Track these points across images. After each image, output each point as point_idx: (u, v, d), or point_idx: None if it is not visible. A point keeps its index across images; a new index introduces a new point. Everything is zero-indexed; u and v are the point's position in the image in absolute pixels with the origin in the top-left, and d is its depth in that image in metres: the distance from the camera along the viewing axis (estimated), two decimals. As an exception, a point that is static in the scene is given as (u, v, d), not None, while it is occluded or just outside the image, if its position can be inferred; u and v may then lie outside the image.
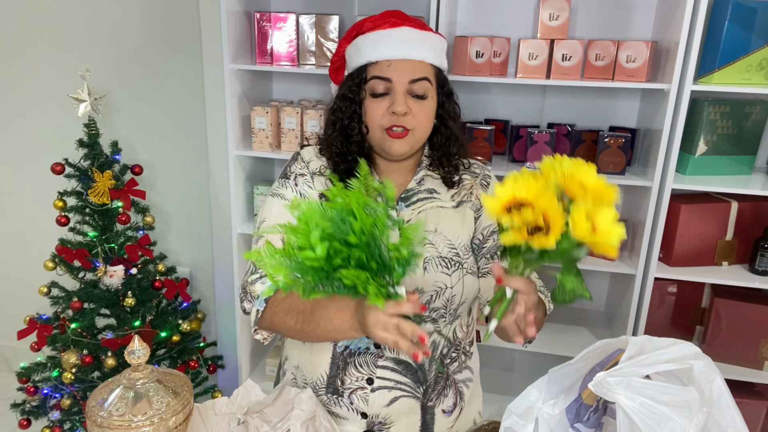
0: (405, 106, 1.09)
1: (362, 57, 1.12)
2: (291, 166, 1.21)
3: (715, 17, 1.65)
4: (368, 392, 1.14)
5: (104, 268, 1.85)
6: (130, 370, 0.95)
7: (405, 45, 1.11)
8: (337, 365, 1.15)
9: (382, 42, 1.11)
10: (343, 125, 1.15)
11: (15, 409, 1.93)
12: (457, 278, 1.14)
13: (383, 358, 1.13)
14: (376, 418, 1.14)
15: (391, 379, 1.14)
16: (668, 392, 0.80)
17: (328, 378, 1.16)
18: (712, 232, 1.83)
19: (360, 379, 1.14)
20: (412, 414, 1.15)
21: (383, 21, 1.14)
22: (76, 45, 2.29)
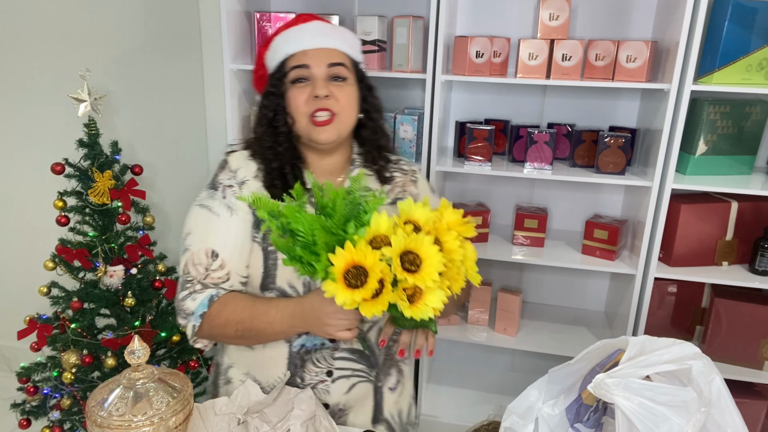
0: (326, 89, 1.14)
1: (279, 53, 1.18)
2: (218, 176, 1.20)
3: (715, 17, 1.65)
4: (329, 384, 1.20)
5: (104, 268, 1.85)
6: (130, 370, 0.95)
7: (318, 35, 1.18)
8: (294, 364, 1.19)
9: (296, 36, 1.18)
10: (269, 118, 1.19)
11: (15, 409, 1.93)
12: None
13: (339, 350, 1.20)
14: (336, 406, 1.21)
15: (348, 368, 1.21)
16: (666, 393, 0.80)
17: (288, 377, 1.19)
18: (712, 232, 1.83)
19: (319, 373, 1.19)
20: (367, 397, 1.24)
21: (295, 20, 1.22)
22: (76, 45, 2.29)
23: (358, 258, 0.89)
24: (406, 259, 0.90)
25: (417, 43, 1.83)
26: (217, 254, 1.14)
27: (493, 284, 2.14)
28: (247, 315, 1.11)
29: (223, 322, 1.11)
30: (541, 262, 1.90)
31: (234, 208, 1.16)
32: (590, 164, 1.91)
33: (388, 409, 1.28)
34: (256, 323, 1.10)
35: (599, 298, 2.25)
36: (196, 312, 1.12)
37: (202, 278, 1.14)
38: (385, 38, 1.88)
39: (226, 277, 1.15)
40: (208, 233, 1.15)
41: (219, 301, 1.12)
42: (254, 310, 1.11)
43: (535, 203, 2.16)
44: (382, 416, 1.27)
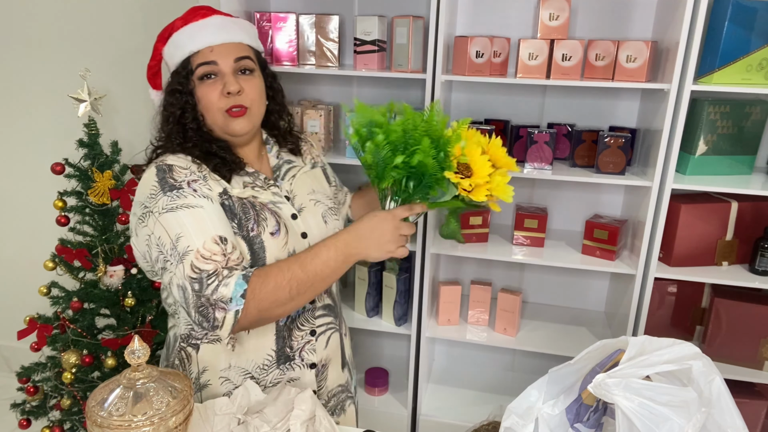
0: (237, 85, 1.15)
1: (183, 50, 1.18)
2: (173, 177, 1.11)
3: (715, 17, 1.65)
4: (314, 342, 1.26)
5: (104, 268, 1.85)
6: (130, 370, 0.95)
7: (222, 30, 1.18)
8: (282, 337, 1.23)
9: (199, 32, 1.17)
10: (176, 116, 1.18)
11: (15, 409, 1.93)
12: (341, 221, 1.36)
13: (315, 308, 1.27)
14: (320, 363, 1.28)
15: (324, 324, 1.29)
16: (667, 393, 0.80)
17: (277, 352, 1.22)
18: (712, 232, 1.83)
19: (305, 335, 1.25)
20: (337, 346, 1.34)
21: (194, 15, 1.21)
22: (76, 45, 2.29)
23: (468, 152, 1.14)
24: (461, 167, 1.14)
25: (417, 43, 1.83)
26: (225, 238, 1.08)
27: (493, 284, 2.14)
28: (297, 266, 1.09)
29: (273, 287, 1.06)
30: (541, 262, 1.90)
31: (210, 197, 1.11)
32: (590, 164, 1.91)
33: (347, 353, 1.40)
34: (311, 269, 1.10)
35: (599, 298, 2.25)
36: (234, 295, 1.03)
37: (225, 264, 1.06)
38: (385, 38, 1.88)
39: (241, 259, 1.10)
40: (203, 226, 1.07)
41: (256, 274, 1.06)
42: (303, 260, 1.11)
43: (535, 203, 2.16)
44: (345, 360, 1.38)
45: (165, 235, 1.07)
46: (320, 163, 1.42)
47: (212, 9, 1.24)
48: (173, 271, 1.06)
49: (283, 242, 1.18)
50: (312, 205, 1.29)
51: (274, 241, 1.17)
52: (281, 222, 1.20)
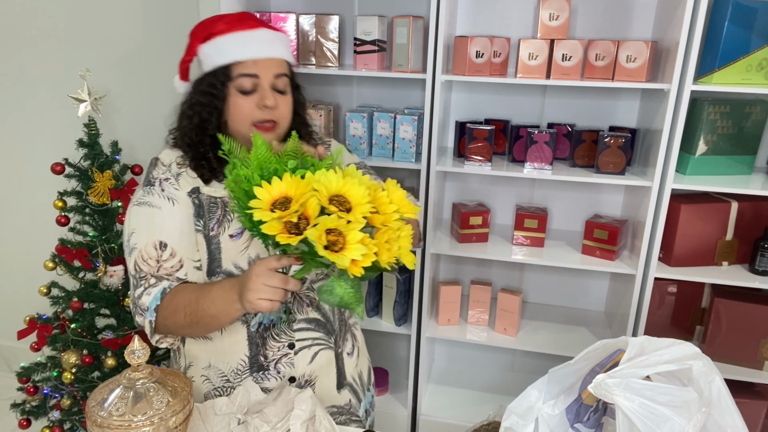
0: (275, 99, 1.17)
1: (226, 56, 1.16)
2: (152, 173, 1.21)
3: (715, 17, 1.65)
4: (292, 356, 1.22)
5: (104, 268, 1.85)
6: (130, 370, 0.95)
7: (269, 45, 1.19)
8: (255, 344, 1.21)
9: (247, 43, 1.17)
10: (201, 118, 1.19)
11: (15, 409, 1.93)
12: None
13: (296, 321, 1.23)
14: (302, 378, 1.24)
15: (308, 338, 1.24)
16: (667, 393, 0.80)
17: (250, 359, 1.21)
18: (712, 232, 1.83)
19: (282, 347, 1.22)
20: (330, 364, 1.28)
21: (241, 22, 1.19)
22: (76, 45, 2.29)
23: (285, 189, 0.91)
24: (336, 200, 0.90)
25: (417, 43, 1.83)
26: (165, 244, 1.14)
27: (493, 284, 2.14)
28: (194, 297, 1.10)
29: (173, 309, 1.11)
30: (541, 262, 1.90)
31: (174, 198, 1.17)
32: (590, 164, 1.91)
33: (350, 373, 1.33)
34: (201, 304, 1.08)
35: (599, 298, 2.25)
36: (150, 306, 1.12)
37: (155, 271, 1.14)
38: (385, 38, 1.88)
39: (179, 265, 1.15)
40: (152, 227, 1.15)
41: (170, 292, 1.13)
42: (199, 292, 1.10)
43: (535, 203, 2.16)
44: (345, 381, 1.32)
45: (127, 226, 1.17)
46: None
47: (260, 20, 1.23)
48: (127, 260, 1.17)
49: (243, 246, 1.17)
50: None
51: (233, 243, 1.17)
52: None
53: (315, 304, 1.25)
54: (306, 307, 1.23)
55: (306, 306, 1.24)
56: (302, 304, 1.23)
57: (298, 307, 1.22)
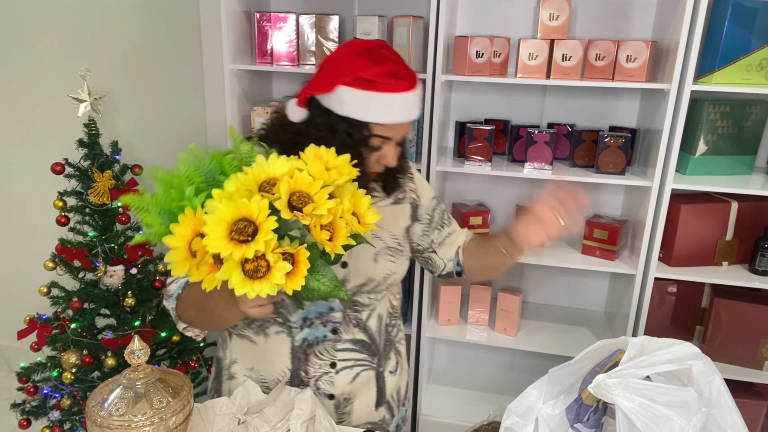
0: (395, 159, 1.17)
1: (370, 115, 1.10)
2: None
3: (715, 17, 1.65)
4: (333, 375, 1.21)
5: (104, 268, 1.85)
6: (130, 370, 0.95)
7: (412, 108, 1.14)
8: (298, 358, 1.20)
9: (396, 109, 1.12)
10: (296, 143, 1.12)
11: (15, 409, 1.93)
12: (401, 264, 1.27)
13: (341, 341, 1.21)
14: (341, 396, 1.23)
15: (351, 359, 1.23)
16: (667, 393, 0.80)
17: (291, 372, 1.20)
18: (712, 232, 1.83)
19: (323, 365, 1.21)
20: (370, 383, 1.27)
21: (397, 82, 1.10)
22: (76, 45, 2.29)
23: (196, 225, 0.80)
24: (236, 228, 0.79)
25: (417, 43, 1.83)
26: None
27: (493, 284, 2.14)
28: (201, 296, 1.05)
29: (188, 303, 1.10)
30: (541, 262, 1.90)
31: None
32: (590, 164, 1.91)
33: (389, 391, 1.32)
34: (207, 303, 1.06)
35: (599, 298, 2.25)
36: (174, 294, 1.12)
37: None
38: (385, 38, 1.88)
39: None
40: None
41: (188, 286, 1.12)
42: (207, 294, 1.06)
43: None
44: (384, 399, 1.30)
45: None
46: (410, 199, 1.32)
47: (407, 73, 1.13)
48: None
49: None
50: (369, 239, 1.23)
51: None
52: None
53: (362, 324, 1.23)
54: (352, 327, 1.22)
55: (353, 326, 1.22)
56: (349, 324, 1.22)
57: (344, 327, 1.21)
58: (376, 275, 1.21)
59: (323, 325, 1.19)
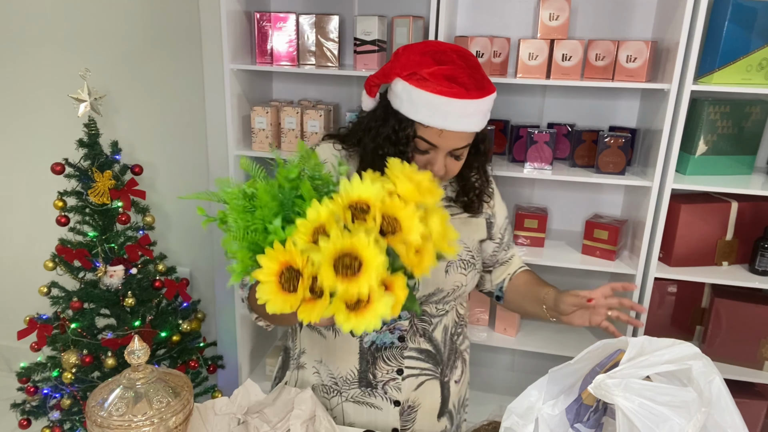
0: (443, 169, 1.11)
1: (415, 113, 1.06)
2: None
3: (715, 17, 1.65)
4: (400, 381, 1.22)
5: (104, 268, 1.85)
6: (130, 370, 0.95)
7: (463, 119, 1.06)
8: (366, 360, 1.21)
9: (440, 110, 1.05)
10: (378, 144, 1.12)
11: (15, 409, 1.93)
12: (471, 277, 1.25)
13: (408, 349, 1.21)
14: (406, 403, 1.23)
15: (416, 367, 1.23)
16: (667, 393, 0.80)
17: (359, 372, 1.22)
18: (712, 232, 1.83)
19: (390, 371, 1.21)
20: (435, 393, 1.26)
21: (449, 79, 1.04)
22: (76, 45, 2.29)
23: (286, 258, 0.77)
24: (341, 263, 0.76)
25: (417, 43, 1.83)
26: None
27: (493, 284, 2.14)
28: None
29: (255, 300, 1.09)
30: (541, 262, 1.90)
31: None
32: (590, 164, 1.91)
33: (452, 401, 1.31)
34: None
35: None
36: (248, 284, 1.16)
37: None
38: (385, 38, 1.88)
39: None
40: None
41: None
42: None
43: (535, 203, 2.16)
44: (446, 409, 1.30)
45: None
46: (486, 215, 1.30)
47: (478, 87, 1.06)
48: None
49: None
50: None
51: None
52: None
53: (427, 335, 1.23)
54: (419, 337, 1.22)
55: (419, 336, 1.22)
56: (415, 334, 1.22)
57: (411, 336, 1.21)
58: (446, 286, 1.20)
59: (390, 331, 1.20)
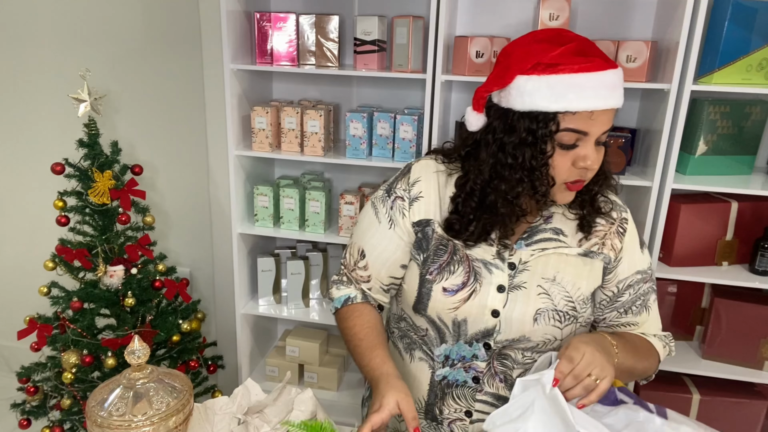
0: (597, 161, 0.97)
1: (558, 103, 0.92)
2: (398, 182, 1.15)
3: (715, 17, 1.65)
4: (467, 424, 1.15)
5: (104, 268, 1.85)
6: (130, 370, 0.95)
7: (611, 91, 0.93)
8: (435, 393, 1.15)
9: (586, 89, 0.91)
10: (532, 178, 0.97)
11: (15, 409, 1.93)
12: (569, 331, 1.08)
13: (482, 392, 1.13)
14: None
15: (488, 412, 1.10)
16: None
17: (426, 404, 1.17)
18: (712, 232, 1.83)
19: (458, 410, 1.14)
20: None
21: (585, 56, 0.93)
22: (76, 45, 2.29)
23: None
24: None
25: (417, 43, 1.83)
26: (364, 255, 1.16)
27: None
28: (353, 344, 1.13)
29: (342, 328, 1.17)
30: (541, 262, 1.90)
31: (395, 223, 1.12)
32: (590, 164, 1.91)
33: None
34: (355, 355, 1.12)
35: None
36: (335, 303, 1.20)
37: (350, 271, 1.19)
38: (385, 38, 1.88)
39: (367, 278, 1.18)
40: (365, 233, 1.17)
41: (350, 308, 1.17)
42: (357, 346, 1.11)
43: (535, 203, 2.16)
44: None
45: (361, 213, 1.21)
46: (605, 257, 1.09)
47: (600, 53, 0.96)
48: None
49: (452, 306, 1.06)
50: (535, 293, 1.05)
51: (443, 297, 1.07)
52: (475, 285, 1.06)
53: (509, 381, 1.11)
54: (498, 381, 1.11)
55: (498, 380, 1.11)
56: (493, 376, 1.11)
57: (489, 379, 1.11)
58: (534, 337, 1.06)
59: (465, 370, 1.11)
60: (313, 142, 1.92)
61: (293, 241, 2.25)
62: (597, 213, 1.08)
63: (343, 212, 1.97)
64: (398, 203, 1.13)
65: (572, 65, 0.91)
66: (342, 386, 2.27)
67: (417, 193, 1.11)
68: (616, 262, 1.10)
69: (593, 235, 1.08)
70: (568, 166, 0.97)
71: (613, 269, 1.10)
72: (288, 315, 2.12)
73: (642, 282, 1.12)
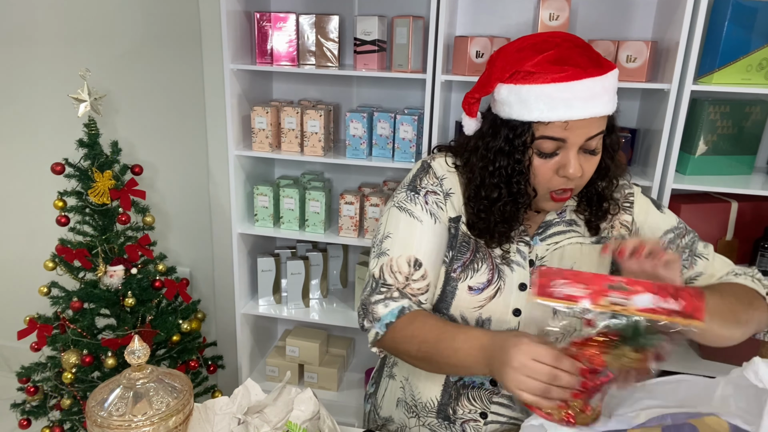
0: (579, 168, 0.94)
1: (530, 113, 0.93)
2: (422, 179, 1.09)
3: (715, 17, 1.65)
4: (481, 425, 1.12)
5: (104, 268, 1.85)
6: (130, 370, 0.95)
7: (587, 103, 0.91)
8: (449, 394, 1.13)
9: (559, 100, 0.90)
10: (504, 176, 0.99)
11: (15, 409, 1.93)
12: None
13: (499, 395, 1.10)
14: None
15: (504, 415, 1.11)
16: None
17: (439, 404, 1.14)
18: (712, 232, 1.82)
19: (473, 411, 1.12)
20: None
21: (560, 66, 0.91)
22: (76, 45, 2.29)
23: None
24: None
25: (417, 43, 1.83)
26: (420, 264, 1.05)
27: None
28: (434, 336, 0.97)
29: (408, 336, 1.00)
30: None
31: (437, 216, 1.06)
32: (590, 164, 1.91)
33: None
34: (441, 347, 0.96)
35: (599, 298, 2.24)
36: (383, 320, 1.02)
37: (401, 287, 1.05)
38: (385, 38, 1.88)
39: (425, 289, 1.06)
40: (410, 240, 1.05)
41: (408, 315, 1.02)
42: (442, 332, 0.96)
43: (535, 203, 2.16)
44: None
45: (383, 226, 1.09)
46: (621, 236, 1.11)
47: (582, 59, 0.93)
48: (372, 259, 1.09)
49: (477, 304, 1.05)
50: None
51: (468, 296, 1.06)
52: (499, 283, 1.06)
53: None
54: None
55: None
56: None
57: None
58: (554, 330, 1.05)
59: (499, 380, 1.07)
60: (313, 142, 1.92)
61: (293, 241, 2.25)
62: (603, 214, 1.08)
63: (343, 212, 1.97)
64: (432, 197, 1.07)
65: (546, 75, 0.91)
66: (342, 386, 2.27)
67: (448, 188, 1.08)
68: (634, 235, 1.09)
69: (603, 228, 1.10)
70: (551, 175, 0.97)
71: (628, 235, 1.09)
72: (288, 315, 2.12)
73: (678, 238, 1.09)
